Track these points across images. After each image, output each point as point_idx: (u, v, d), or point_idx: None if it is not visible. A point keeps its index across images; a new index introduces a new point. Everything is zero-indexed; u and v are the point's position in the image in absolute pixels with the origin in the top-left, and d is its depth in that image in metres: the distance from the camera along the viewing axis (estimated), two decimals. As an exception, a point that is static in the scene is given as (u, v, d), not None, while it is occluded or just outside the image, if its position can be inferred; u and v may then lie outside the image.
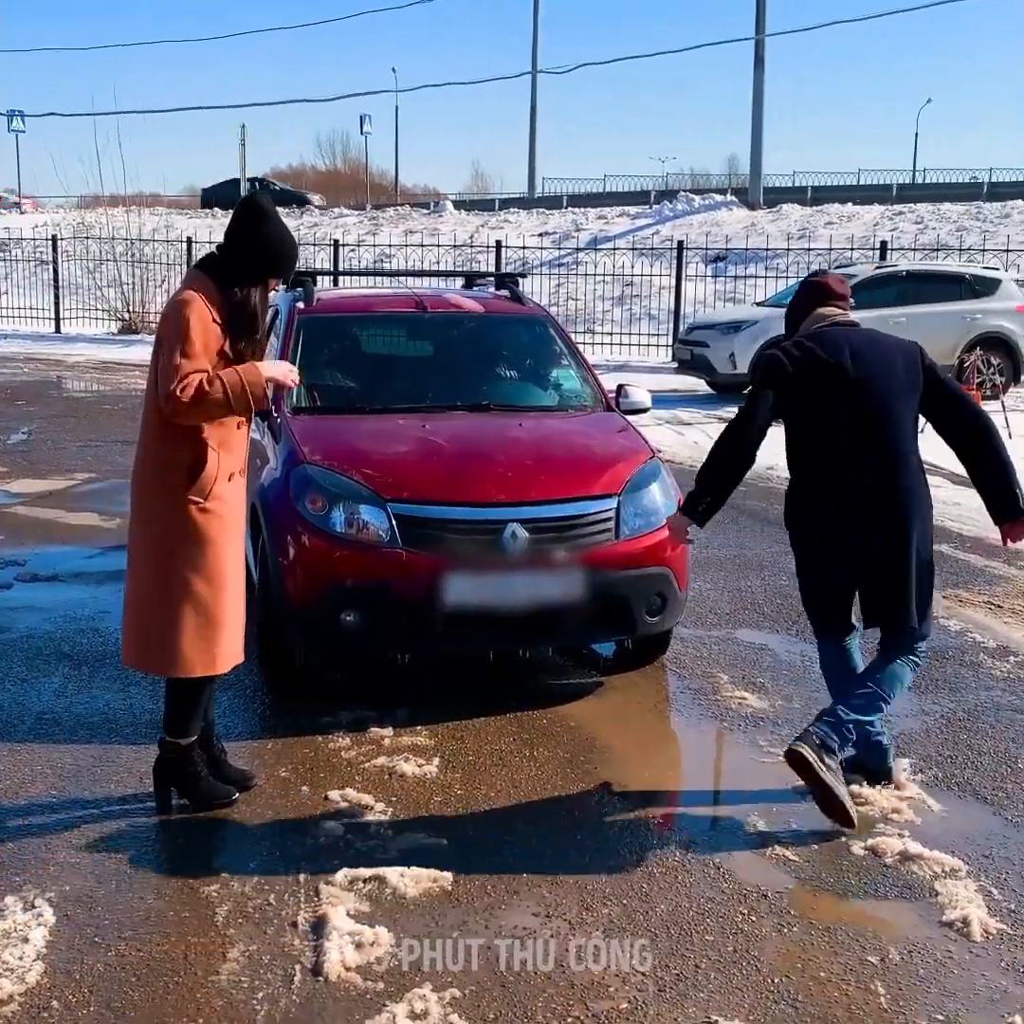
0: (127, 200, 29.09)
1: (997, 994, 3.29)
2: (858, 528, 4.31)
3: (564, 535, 5.13)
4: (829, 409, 4.33)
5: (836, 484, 4.33)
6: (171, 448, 4.03)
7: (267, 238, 4.05)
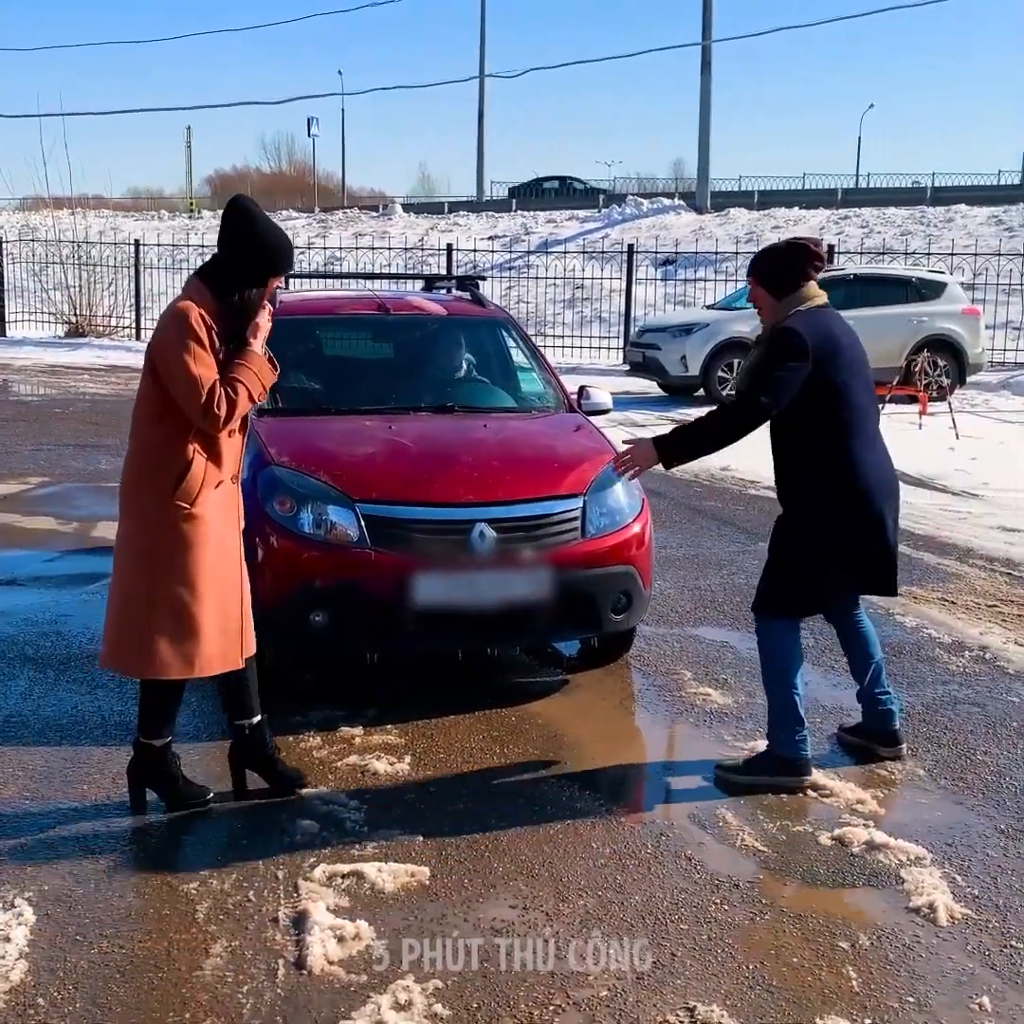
0: (73, 202, 28.79)
1: (964, 976, 3.38)
2: (885, 506, 4.48)
3: (531, 534, 5.20)
4: (847, 387, 4.43)
5: (863, 464, 4.43)
6: (159, 452, 4.04)
7: (261, 238, 4.02)
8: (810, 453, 4.46)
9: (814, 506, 4.46)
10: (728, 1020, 3.15)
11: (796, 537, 4.52)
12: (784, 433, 4.53)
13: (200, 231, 32.40)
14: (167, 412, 4.01)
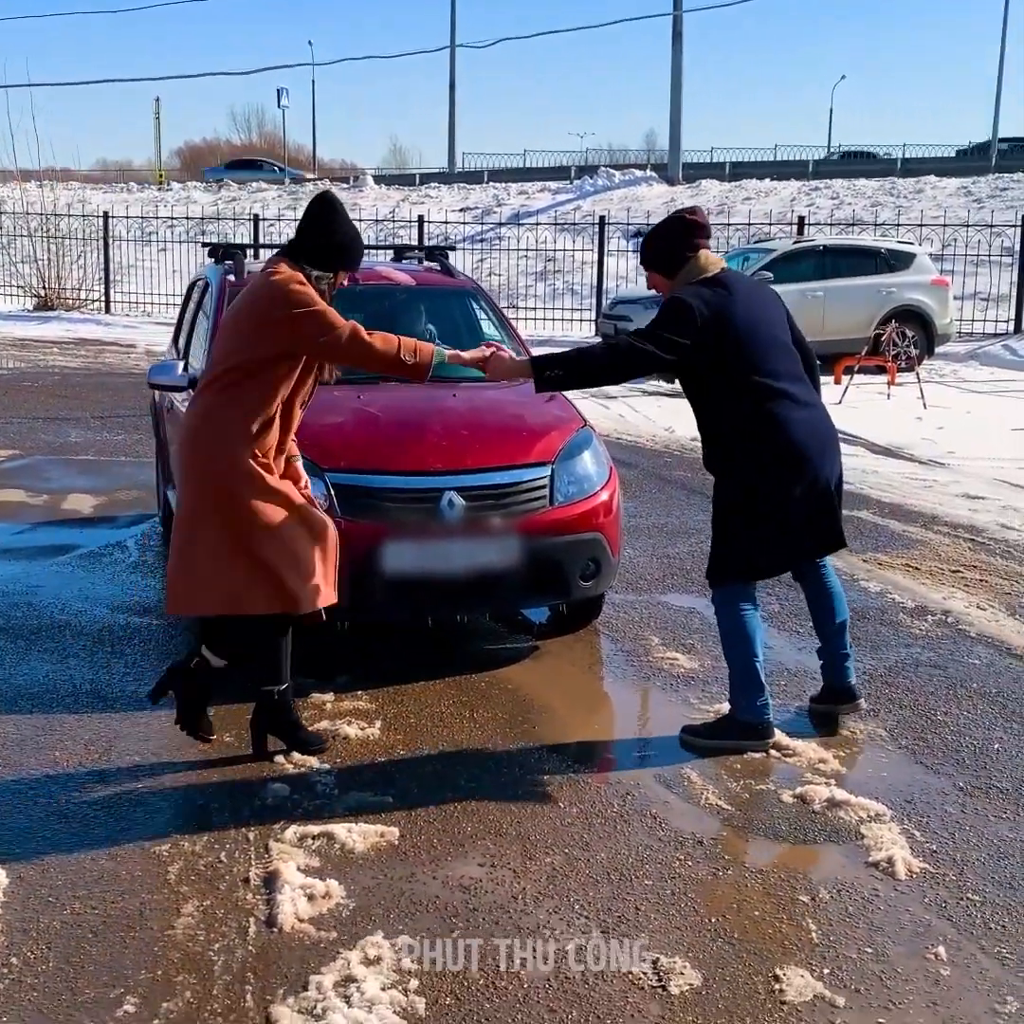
0: (40, 175, 28.54)
1: (921, 927, 3.47)
2: (820, 462, 4.52)
3: (500, 502, 5.24)
4: (750, 351, 4.45)
5: (787, 422, 4.45)
6: (235, 411, 4.18)
7: (342, 233, 4.27)
8: (733, 420, 4.49)
9: (745, 471, 4.50)
10: (690, 971, 3.22)
11: (733, 503, 4.56)
12: (703, 406, 4.58)
13: (169, 203, 32.24)
14: (261, 370, 4.19)
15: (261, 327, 4.18)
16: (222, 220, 27.72)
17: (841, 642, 4.87)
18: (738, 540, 4.58)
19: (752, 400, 4.45)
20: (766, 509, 4.50)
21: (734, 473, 4.55)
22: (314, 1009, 3.03)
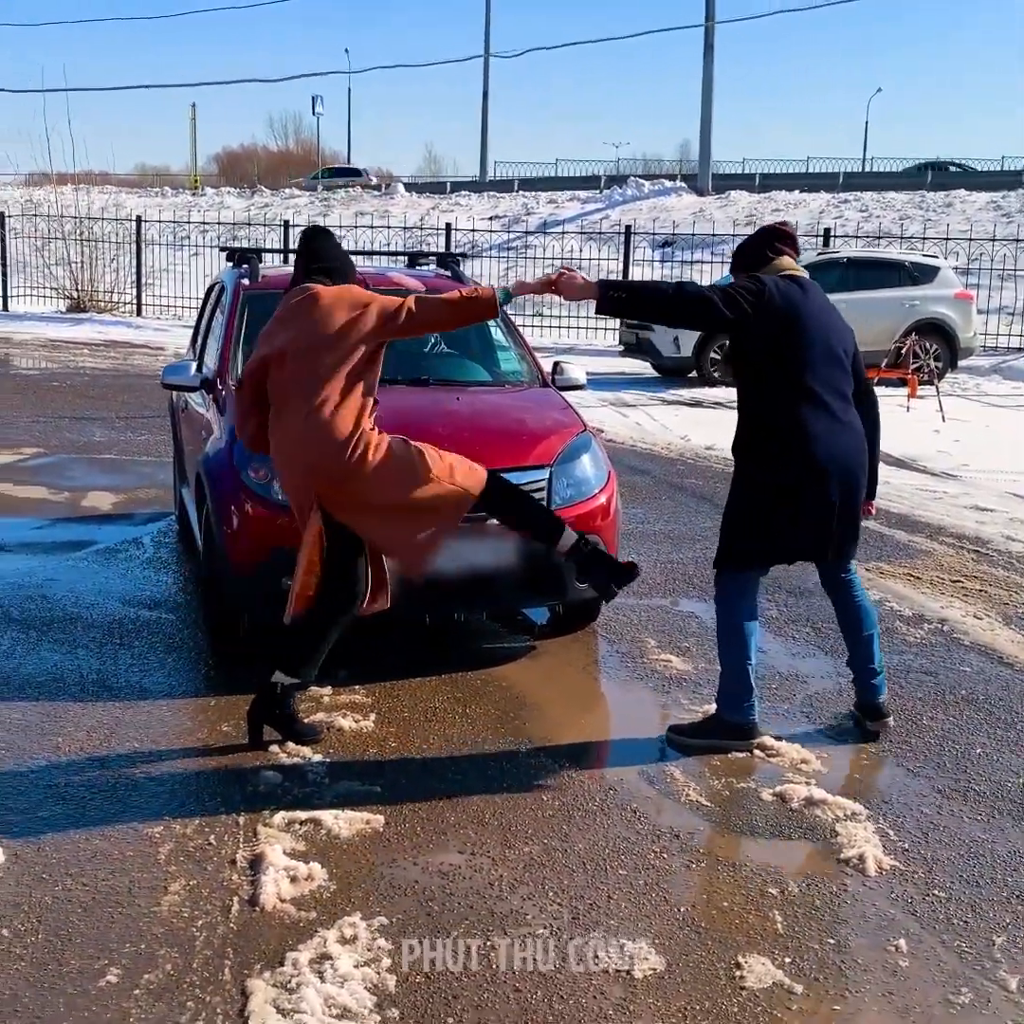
0: (76, 178, 28.97)
1: (885, 921, 3.56)
2: (830, 477, 4.60)
3: None
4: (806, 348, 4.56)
5: (812, 431, 4.54)
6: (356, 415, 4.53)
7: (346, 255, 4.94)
8: (765, 412, 4.60)
9: (762, 463, 4.59)
10: (655, 956, 3.33)
11: (743, 490, 4.67)
12: (745, 389, 4.69)
13: (203, 208, 32.58)
14: (361, 379, 4.55)
15: (349, 333, 4.49)
16: (253, 225, 27.98)
17: (868, 656, 4.88)
18: (742, 525, 4.68)
19: (793, 399, 4.54)
20: (772, 503, 4.58)
21: (750, 463, 4.65)
22: (288, 983, 3.15)
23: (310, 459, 4.50)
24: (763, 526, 4.63)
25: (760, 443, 4.62)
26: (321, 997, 3.10)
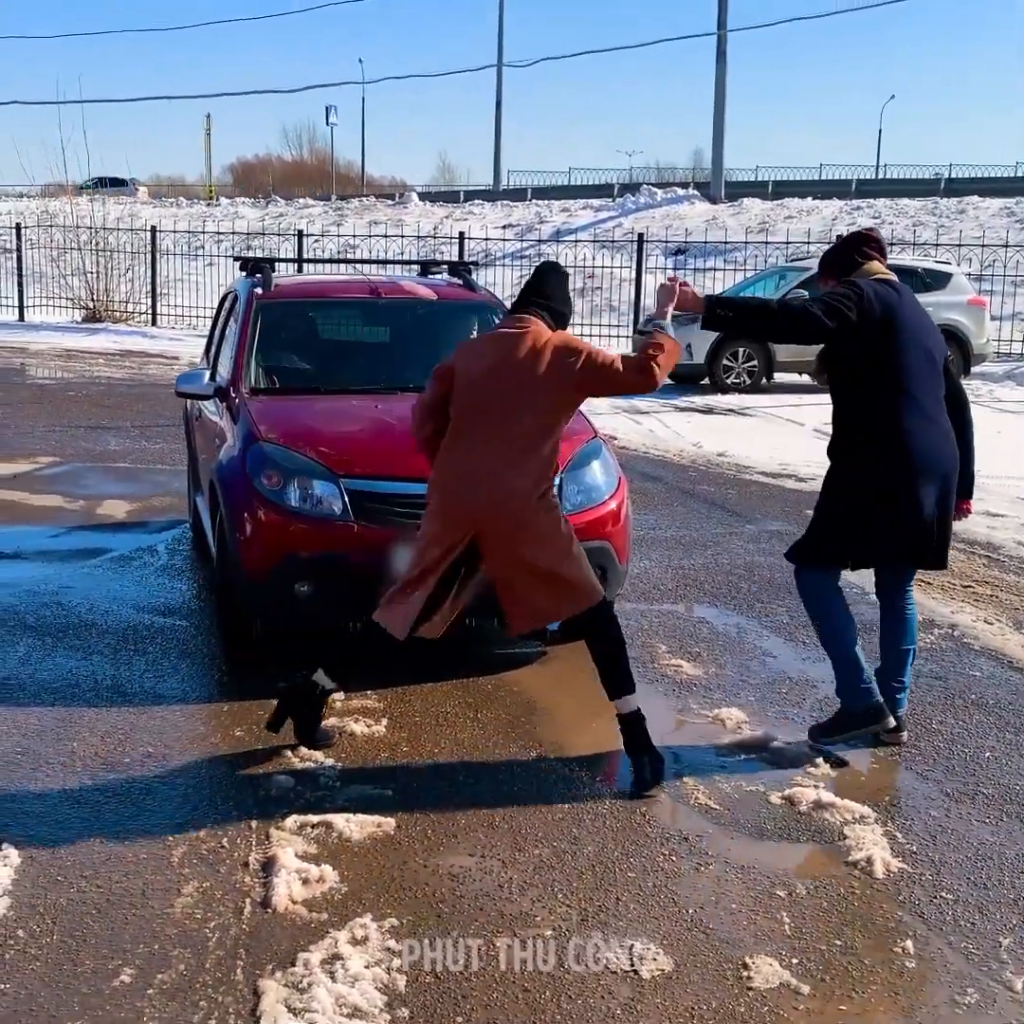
0: (91, 189, 29.09)
1: (892, 923, 3.58)
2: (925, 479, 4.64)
3: None
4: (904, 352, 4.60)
5: (908, 432, 4.58)
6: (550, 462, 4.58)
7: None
8: (862, 416, 4.64)
9: (860, 466, 4.63)
10: (663, 957, 3.36)
11: (840, 493, 4.70)
12: (841, 393, 4.74)
13: (217, 218, 32.74)
14: (558, 425, 4.55)
15: (559, 382, 4.49)
16: (267, 235, 28.11)
17: (900, 669, 4.88)
18: (837, 528, 4.71)
19: (890, 402, 4.58)
20: (871, 507, 4.61)
21: (851, 466, 4.68)
22: (300, 983, 3.19)
23: (496, 496, 4.42)
24: (861, 529, 4.66)
25: (858, 447, 4.67)
26: (332, 997, 3.13)
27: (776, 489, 10.13)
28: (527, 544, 4.45)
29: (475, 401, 4.54)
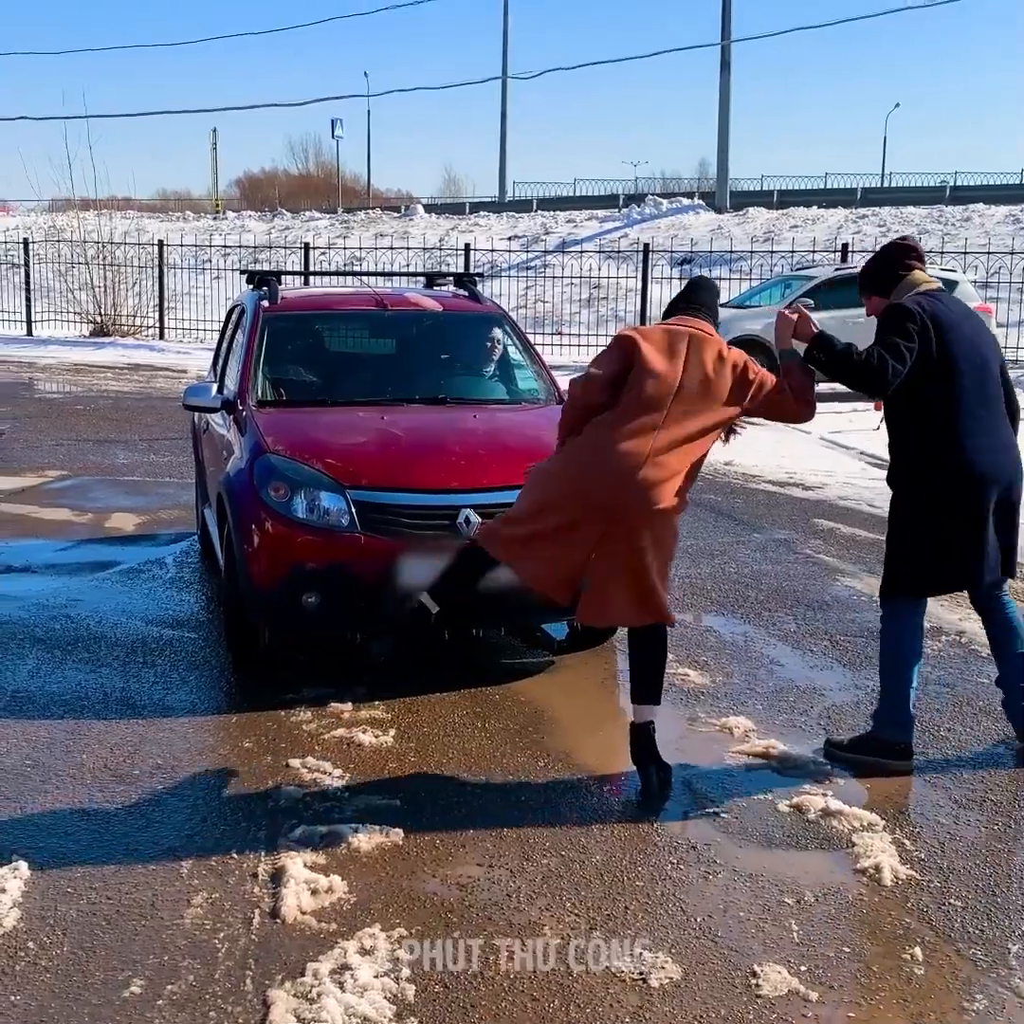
0: (98, 204, 29.21)
1: (901, 930, 3.58)
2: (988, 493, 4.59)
3: None
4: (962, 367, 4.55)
5: (969, 447, 4.53)
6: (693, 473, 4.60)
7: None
8: (918, 433, 4.58)
9: (920, 484, 4.58)
10: (671, 966, 3.36)
11: (902, 515, 4.66)
12: (898, 411, 4.66)
13: (224, 232, 32.84)
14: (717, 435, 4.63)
15: (729, 391, 4.51)
16: (274, 249, 28.21)
17: (1020, 674, 4.82)
18: (909, 555, 4.65)
19: (940, 416, 4.52)
20: (928, 525, 4.58)
21: (907, 486, 4.65)
22: (309, 993, 3.20)
23: (644, 489, 4.38)
24: (944, 550, 4.59)
25: (918, 468, 4.59)
26: (341, 1007, 3.14)
27: (783, 498, 10.14)
28: (648, 541, 4.42)
29: (654, 395, 4.46)
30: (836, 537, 8.62)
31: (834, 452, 12.36)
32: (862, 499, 9.93)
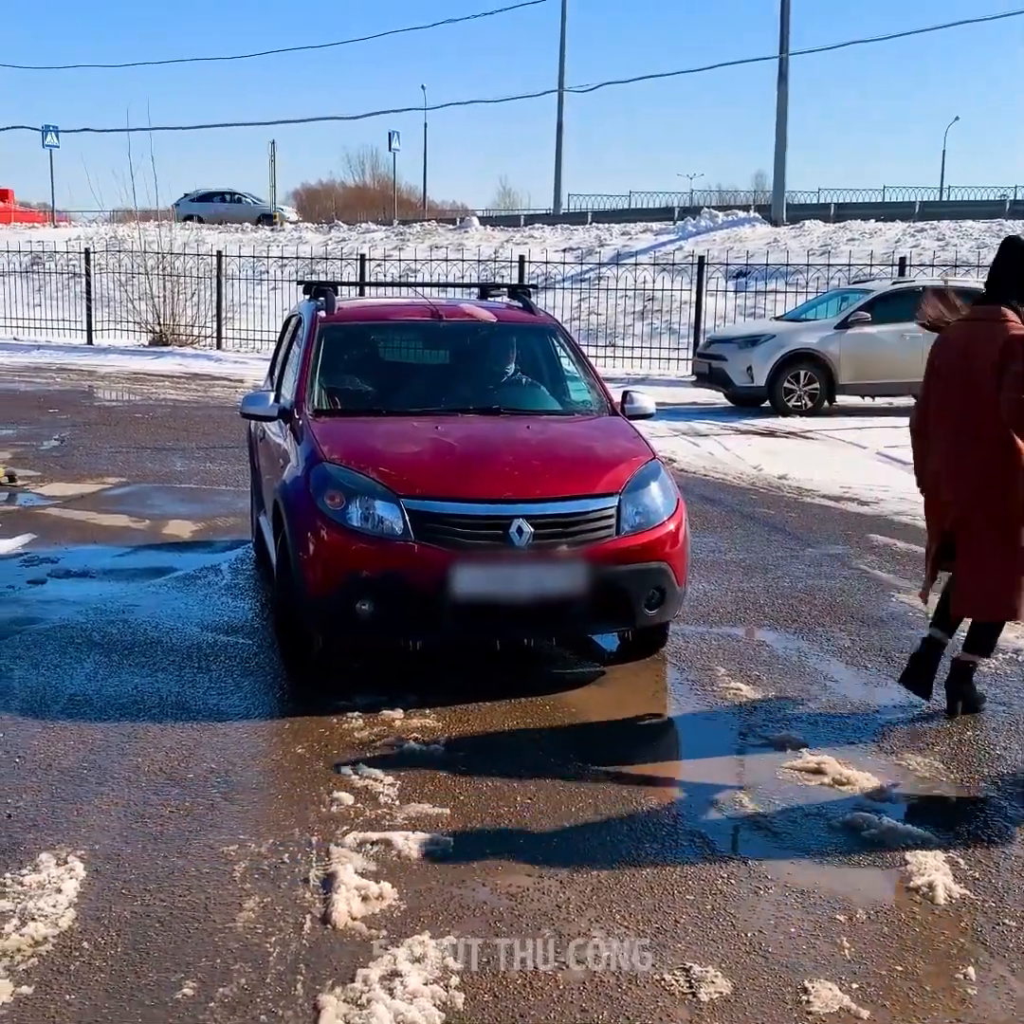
0: (158, 215, 29.59)
1: (954, 950, 3.54)
2: None
3: (567, 531, 5.42)
4: None
5: None
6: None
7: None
8: None
9: None
10: (721, 980, 3.34)
11: None
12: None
13: (281, 243, 33.10)
14: None
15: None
16: (331, 260, 28.41)
17: None
18: None
19: None
20: None
21: None
22: (359, 999, 3.22)
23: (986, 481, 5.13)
24: None
25: None
26: (391, 1013, 3.16)
27: (838, 512, 10.06)
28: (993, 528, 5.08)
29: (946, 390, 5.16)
30: (892, 553, 8.55)
31: (890, 467, 12.24)
32: (918, 515, 9.74)
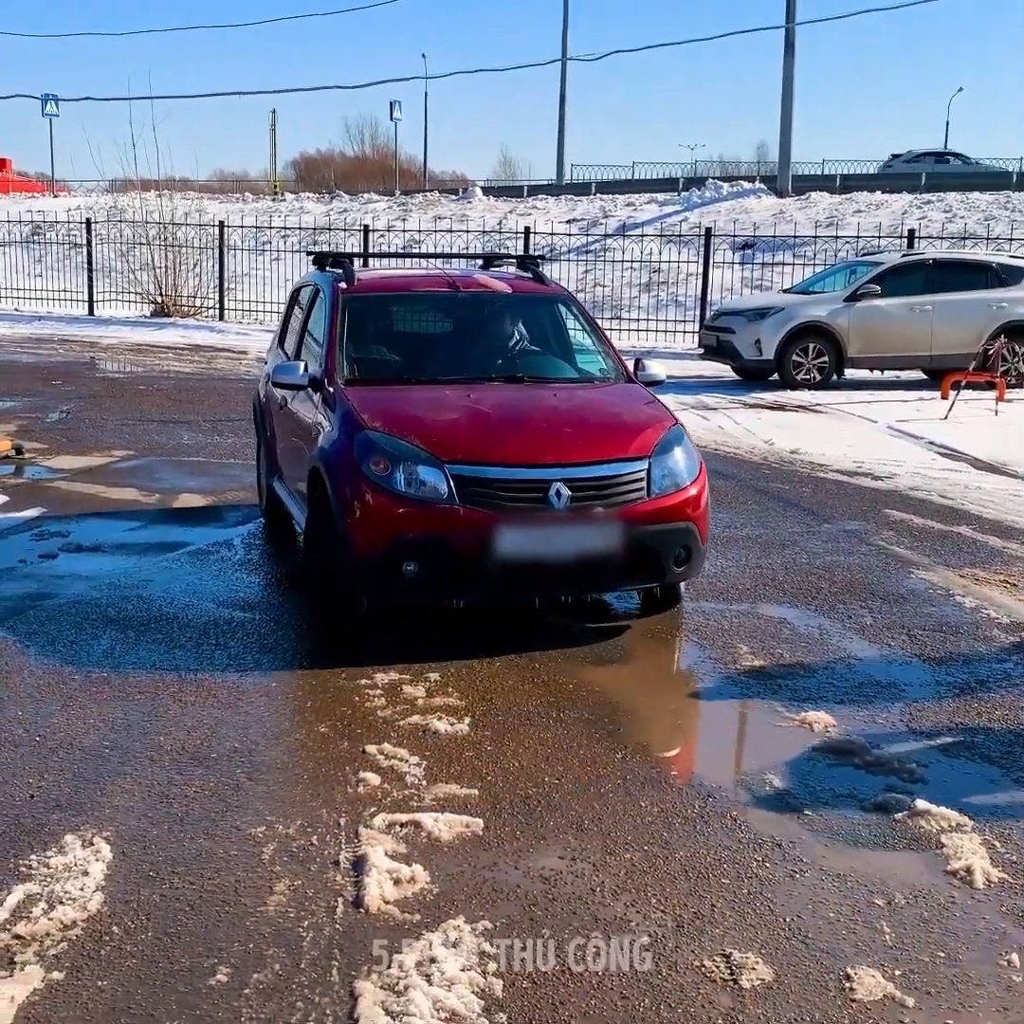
0: (159, 184, 29.32)
1: (996, 935, 3.49)
2: None
3: (602, 493, 5.63)
4: None
5: None
6: None
7: None
8: None
9: None
10: (762, 967, 3.29)
11: None
12: None
13: (283, 213, 32.87)
14: None
15: None
16: (333, 231, 28.23)
17: None
18: None
19: None
20: None
21: None
22: (396, 986, 3.17)
23: None
24: None
25: None
26: (429, 1000, 3.11)
27: (852, 488, 9.98)
28: None
29: None
30: (909, 528, 8.48)
31: (902, 441, 12.17)
32: (933, 489, 9.76)
